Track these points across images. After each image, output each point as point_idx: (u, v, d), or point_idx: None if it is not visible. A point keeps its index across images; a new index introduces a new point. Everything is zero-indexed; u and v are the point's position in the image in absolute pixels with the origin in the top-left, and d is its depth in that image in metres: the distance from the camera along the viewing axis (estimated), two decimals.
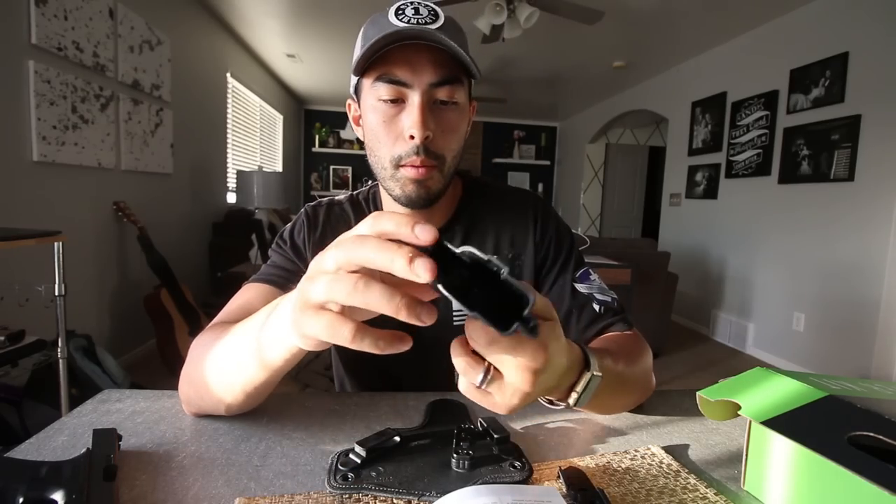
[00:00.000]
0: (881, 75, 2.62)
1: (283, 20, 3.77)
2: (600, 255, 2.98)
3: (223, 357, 0.47)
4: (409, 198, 0.62)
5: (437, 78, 0.58)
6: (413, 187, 0.61)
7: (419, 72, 0.57)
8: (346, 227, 0.71)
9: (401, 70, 0.57)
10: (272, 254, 0.72)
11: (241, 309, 0.62)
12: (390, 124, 0.60)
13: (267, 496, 0.38)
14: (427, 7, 0.58)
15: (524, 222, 0.74)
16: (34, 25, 1.97)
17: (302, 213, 0.74)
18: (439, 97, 0.59)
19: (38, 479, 0.35)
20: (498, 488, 0.36)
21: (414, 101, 0.58)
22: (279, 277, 0.67)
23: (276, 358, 0.40)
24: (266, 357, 0.40)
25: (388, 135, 0.60)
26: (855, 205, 2.77)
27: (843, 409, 0.38)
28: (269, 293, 0.64)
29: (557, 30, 3.62)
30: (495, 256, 0.29)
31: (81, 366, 1.95)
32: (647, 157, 6.88)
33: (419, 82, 0.57)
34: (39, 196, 2.07)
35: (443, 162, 0.62)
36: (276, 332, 0.38)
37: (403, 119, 0.59)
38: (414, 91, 0.58)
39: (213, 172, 3.90)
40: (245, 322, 0.46)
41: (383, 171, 0.62)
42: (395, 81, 0.58)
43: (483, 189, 0.76)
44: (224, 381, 0.47)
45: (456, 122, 0.62)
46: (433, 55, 0.57)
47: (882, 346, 2.63)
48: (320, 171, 7.05)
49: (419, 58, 0.57)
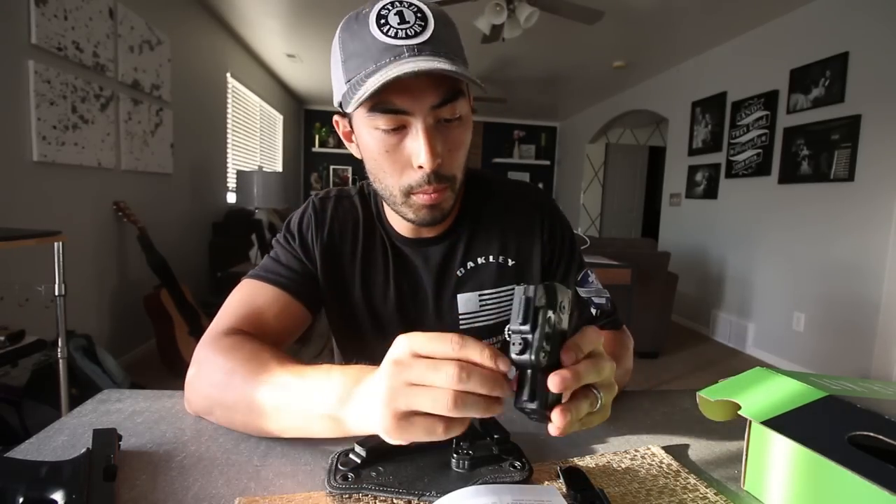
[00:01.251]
0: (881, 75, 2.62)
1: (283, 20, 3.77)
2: (600, 255, 2.98)
3: (273, 407, 0.45)
4: (423, 221, 0.60)
5: (438, 99, 0.53)
6: (426, 212, 0.59)
7: (419, 97, 0.52)
8: (354, 223, 0.70)
9: (399, 98, 0.52)
10: (278, 247, 0.68)
11: (251, 313, 0.60)
12: (394, 154, 0.55)
13: (267, 496, 0.38)
14: (412, 10, 0.52)
15: (530, 223, 0.72)
16: (34, 25, 1.97)
17: (310, 206, 0.70)
18: (443, 116, 0.54)
19: (38, 479, 0.35)
20: (498, 488, 0.36)
21: (418, 129, 0.53)
22: (289, 280, 0.64)
23: (357, 432, 0.41)
24: (347, 431, 0.42)
25: (393, 165, 0.56)
26: (855, 205, 2.77)
27: (843, 409, 0.38)
28: (279, 297, 0.62)
29: (557, 30, 3.62)
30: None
31: (81, 366, 1.95)
32: (647, 157, 6.89)
33: (421, 108, 0.52)
34: (39, 196, 2.07)
35: (454, 181, 0.59)
36: (363, 422, 0.39)
37: (409, 147, 0.54)
38: (416, 118, 0.53)
39: (213, 172, 3.90)
40: (304, 382, 0.45)
41: (392, 198, 0.59)
42: (394, 110, 0.52)
43: (486, 186, 0.73)
44: (272, 425, 0.46)
45: (462, 138, 0.58)
46: (433, 76, 0.52)
47: (882, 346, 2.63)
48: (320, 171, 7.06)
49: (417, 81, 0.51)
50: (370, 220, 0.70)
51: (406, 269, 0.70)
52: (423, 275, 0.70)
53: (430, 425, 0.34)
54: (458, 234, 0.70)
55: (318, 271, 0.67)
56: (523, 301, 0.34)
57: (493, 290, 0.70)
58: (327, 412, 0.42)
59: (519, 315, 0.34)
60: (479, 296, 0.70)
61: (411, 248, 0.69)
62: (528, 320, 0.34)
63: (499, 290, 0.71)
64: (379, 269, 0.69)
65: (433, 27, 0.52)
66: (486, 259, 0.70)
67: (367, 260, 0.69)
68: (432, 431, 0.34)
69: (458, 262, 0.70)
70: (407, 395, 0.34)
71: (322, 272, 0.67)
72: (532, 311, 0.34)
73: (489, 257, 0.70)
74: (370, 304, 0.69)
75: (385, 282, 0.69)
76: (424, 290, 0.70)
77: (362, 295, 0.69)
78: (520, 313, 0.34)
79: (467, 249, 0.70)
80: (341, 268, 0.69)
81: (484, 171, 0.77)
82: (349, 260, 0.69)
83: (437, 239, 0.69)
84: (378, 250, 0.69)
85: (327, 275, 0.67)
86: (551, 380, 0.34)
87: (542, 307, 0.34)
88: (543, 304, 0.34)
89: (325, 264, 0.67)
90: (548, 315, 0.34)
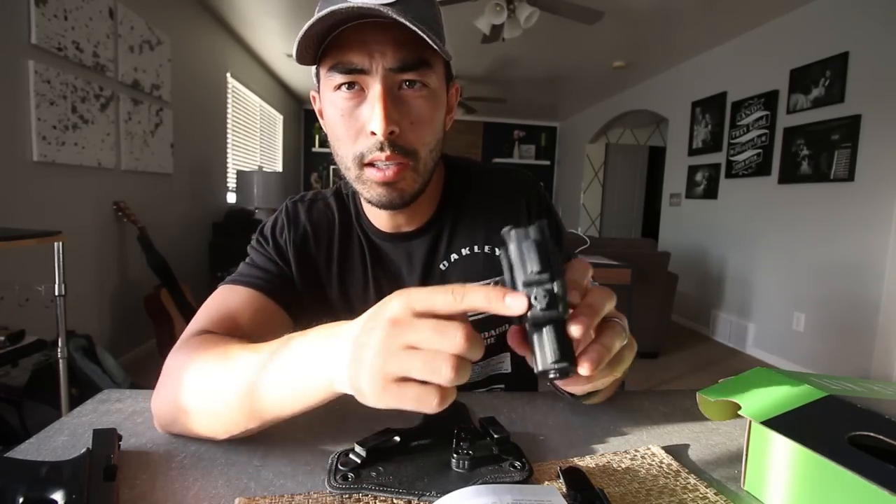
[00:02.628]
0: (881, 75, 2.62)
1: (283, 20, 3.77)
2: (600, 255, 2.98)
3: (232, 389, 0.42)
4: (380, 201, 0.56)
5: (397, 62, 0.50)
6: (382, 190, 0.55)
7: (376, 56, 0.49)
8: (328, 225, 0.67)
9: (356, 55, 0.49)
10: (252, 251, 0.66)
11: (224, 316, 0.57)
12: (349, 118, 0.53)
13: (267, 496, 0.38)
14: None
15: (516, 208, 0.68)
16: (34, 25, 1.97)
17: (282, 210, 0.68)
18: (403, 80, 0.51)
19: (38, 479, 0.35)
20: (498, 488, 0.35)
21: (374, 91, 0.50)
22: (263, 281, 0.61)
23: (318, 403, 0.39)
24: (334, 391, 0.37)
25: (347, 130, 0.53)
26: (855, 205, 2.77)
27: (843, 409, 0.38)
28: (254, 299, 0.59)
29: (557, 30, 3.62)
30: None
31: (81, 366, 1.95)
32: (647, 157, 6.89)
33: (377, 68, 0.50)
34: (39, 196, 2.07)
35: (416, 158, 0.54)
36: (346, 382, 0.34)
37: (363, 111, 0.52)
38: (372, 78, 0.50)
39: (213, 172, 3.90)
40: (263, 354, 0.41)
41: (348, 171, 0.56)
42: (351, 69, 0.50)
43: (467, 173, 0.70)
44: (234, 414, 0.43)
45: (427, 111, 0.53)
46: (394, 34, 0.49)
47: (882, 346, 2.63)
48: (320, 171, 7.06)
49: (376, 38, 0.49)
50: (347, 220, 0.68)
51: (387, 268, 0.67)
52: (406, 272, 0.66)
53: (424, 395, 0.30)
54: (440, 225, 0.67)
55: (293, 274, 0.64)
56: (533, 245, 0.29)
57: (481, 283, 0.68)
58: (310, 374, 0.37)
59: (534, 263, 0.29)
60: None
61: (392, 243, 0.66)
62: (548, 267, 0.29)
63: (487, 283, 0.68)
64: (357, 270, 0.66)
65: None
66: (472, 249, 0.67)
67: (344, 262, 0.66)
68: (426, 402, 0.30)
69: (442, 254, 0.66)
70: (402, 359, 0.30)
71: (298, 275, 0.64)
72: (546, 255, 0.29)
73: (474, 247, 0.67)
74: (349, 307, 0.66)
75: (364, 283, 0.66)
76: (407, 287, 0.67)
77: (340, 298, 0.66)
78: (535, 260, 0.29)
79: (450, 241, 0.66)
80: (317, 271, 0.66)
81: (465, 159, 0.73)
82: (325, 263, 0.66)
83: (419, 232, 0.66)
84: (355, 251, 0.67)
85: (303, 277, 0.65)
86: (575, 327, 0.30)
87: (553, 250, 0.29)
88: (552, 247, 0.29)
89: (299, 267, 0.65)
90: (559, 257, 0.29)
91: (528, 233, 0.29)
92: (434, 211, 0.67)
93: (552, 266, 0.29)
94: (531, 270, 0.29)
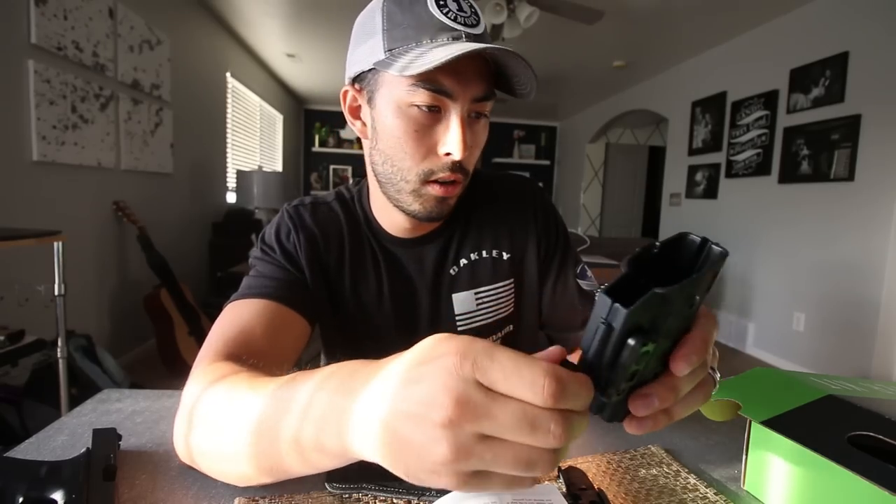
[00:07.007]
0: (881, 75, 2.62)
1: (283, 20, 3.77)
2: (600, 254, 2.98)
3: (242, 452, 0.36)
4: (429, 215, 0.58)
5: (481, 92, 0.53)
6: (435, 204, 0.57)
7: (466, 85, 0.52)
8: (336, 229, 0.66)
9: (449, 79, 0.51)
10: (257, 263, 0.62)
11: (238, 333, 0.52)
12: (423, 135, 0.54)
13: (267, 496, 0.38)
14: (467, 2, 0.54)
15: (523, 215, 0.70)
16: (34, 25, 1.97)
17: (284, 215, 0.65)
18: (476, 111, 0.55)
19: (38, 478, 0.35)
20: None
21: (455, 116, 0.52)
22: (273, 289, 0.58)
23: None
24: (324, 468, 0.34)
25: (418, 147, 0.54)
26: (855, 205, 2.76)
27: (843, 409, 0.38)
28: (267, 309, 0.55)
29: (557, 30, 3.62)
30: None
31: (81, 366, 1.95)
32: (647, 156, 6.88)
33: (464, 96, 0.52)
34: (39, 196, 2.07)
35: (467, 177, 0.58)
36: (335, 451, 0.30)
37: (440, 133, 0.54)
38: (456, 104, 0.52)
39: (213, 172, 3.90)
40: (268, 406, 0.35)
41: (404, 183, 0.56)
42: (441, 91, 0.51)
43: (474, 180, 0.70)
44: (244, 469, 0.37)
45: (483, 137, 0.58)
46: (479, 66, 0.53)
47: (882, 346, 2.63)
48: (320, 171, 7.05)
49: (467, 67, 0.51)
50: (355, 226, 0.67)
51: (399, 273, 0.67)
52: (418, 277, 0.67)
53: (518, 483, 0.26)
54: (451, 231, 0.68)
55: (307, 277, 0.62)
56: (602, 331, 0.23)
57: (490, 287, 0.68)
58: (320, 446, 0.31)
59: (597, 349, 0.24)
60: (475, 294, 0.67)
61: (404, 248, 0.67)
62: (606, 357, 0.23)
63: (495, 287, 0.68)
64: (370, 275, 0.66)
65: (483, 24, 0.54)
66: (480, 254, 0.68)
67: (357, 267, 0.66)
68: (519, 485, 0.26)
69: (451, 259, 0.67)
70: (482, 457, 0.24)
71: (311, 278, 0.62)
72: (612, 344, 0.23)
73: (482, 252, 0.68)
74: (364, 313, 0.66)
75: (378, 288, 0.66)
76: (419, 292, 0.67)
77: (355, 303, 0.66)
78: (599, 347, 0.23)
79: (460, 246, 0.68)
80: (328, 277, 0.65)
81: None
82: (336, 268, 0.65)
83: (431, 237, 0.67)
84: (367, 256, 0.66)
85: (316, 281, 0.63)
86: (637, 403, 0.26)
87: (636, 339, 0.22)
88: (640, 331, 0.23)
89: (312, 270, 0.62)
90: (641, 349, 0.23)
91: (614, 311, 0.23)
92: (445, 220, 0.67)
93: (613, 360, 0.24)
94: (623, 387, 0.25)
